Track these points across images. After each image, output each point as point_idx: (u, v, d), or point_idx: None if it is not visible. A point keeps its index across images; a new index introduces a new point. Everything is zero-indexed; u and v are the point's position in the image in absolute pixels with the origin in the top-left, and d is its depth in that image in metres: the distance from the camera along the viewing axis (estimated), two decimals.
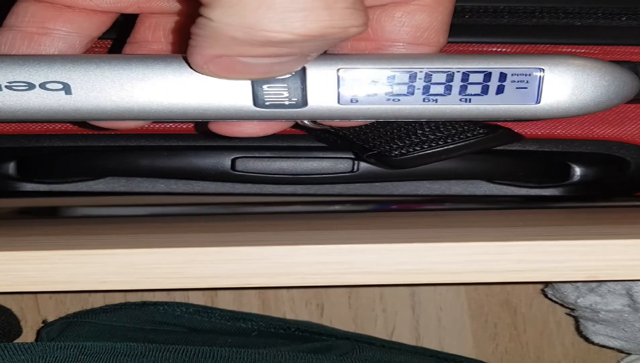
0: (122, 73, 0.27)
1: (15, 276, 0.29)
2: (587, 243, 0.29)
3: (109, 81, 0.27)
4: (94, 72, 0.26)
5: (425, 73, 0.27)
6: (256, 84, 0.27)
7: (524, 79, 0.27)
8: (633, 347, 0.46)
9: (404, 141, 0.32)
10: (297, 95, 0.27)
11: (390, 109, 0.28)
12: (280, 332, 0.48)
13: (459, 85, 0.27)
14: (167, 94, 0.27)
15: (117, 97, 0.27)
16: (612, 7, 0.33)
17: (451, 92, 0.27)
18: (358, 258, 0.29)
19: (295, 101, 0.27)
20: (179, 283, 0.29)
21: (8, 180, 0.39)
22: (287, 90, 0.27)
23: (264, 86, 0.27)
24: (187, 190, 0.39)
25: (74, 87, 0.26)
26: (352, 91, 0.27)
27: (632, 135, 0.37)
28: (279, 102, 0.27)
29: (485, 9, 0.34)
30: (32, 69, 0.26)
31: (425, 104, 0.28)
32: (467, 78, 0.27)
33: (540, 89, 0.27)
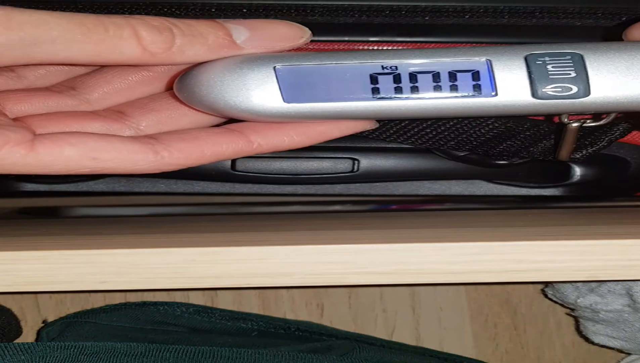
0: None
1: (15, 276, 0.29)
2: (587, 243, 0.29)
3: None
4: None
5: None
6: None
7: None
8: (633, 347, 0.46)
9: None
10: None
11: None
12: (280, 332, 0.48)
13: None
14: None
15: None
16: (612, 7, 0.33)
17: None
18: (358, 258, 0.29)
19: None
20: (179, 283, 0.29)
21: (8, 180, 0.39)
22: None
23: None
24: (187, 190, 0.39)
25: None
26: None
27: (632, 135, 0.37)
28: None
29: (485, 9, 0.34)
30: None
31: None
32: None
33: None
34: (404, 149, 0.37)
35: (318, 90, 0.28)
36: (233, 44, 0.28)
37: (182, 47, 0.27)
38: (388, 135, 0.34)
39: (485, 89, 0.28)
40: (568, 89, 0.27)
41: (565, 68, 0.27)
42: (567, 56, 0.27)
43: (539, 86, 0.27)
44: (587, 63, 0.27)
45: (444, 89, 0.28)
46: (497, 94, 0.28)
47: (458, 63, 0.27)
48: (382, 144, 0.37)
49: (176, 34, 0.27)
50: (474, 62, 0.27)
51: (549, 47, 0.28)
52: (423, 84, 0.28)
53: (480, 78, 0.28)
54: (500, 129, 0.34)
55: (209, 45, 0.27)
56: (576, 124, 0.30)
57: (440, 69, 0.28)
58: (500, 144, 0.34)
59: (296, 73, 0.28)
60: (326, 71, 0.28)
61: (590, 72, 0.27)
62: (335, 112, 0.28)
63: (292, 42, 0.28)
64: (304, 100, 0.28)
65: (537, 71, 0.27)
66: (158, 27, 0.27)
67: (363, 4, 0.33)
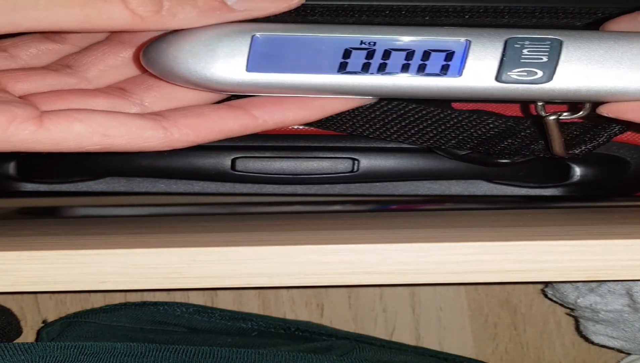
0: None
1: (15, 276, 0.29)
2: (587, 243, 0.29)
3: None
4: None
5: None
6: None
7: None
8: (633, 347, 0.46)
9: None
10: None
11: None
12: (280, 332, 0.48)
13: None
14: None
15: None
16: (612, 7, 0.33)
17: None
18: (358, 258, 0.29)
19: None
20: (179, 283, 0.29)
21: (8, 180, 0.39)
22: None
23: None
24: (187, 190, 0.39)
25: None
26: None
27: (632, 135, 0.37)
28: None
29: (485, 9, 0.34)
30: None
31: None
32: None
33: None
34: (404, 149, 0.37)
35: (285, 61, 0.27)
36: (224, 5, 0.27)
37: (172, 9, 0.26)
38: (388, 134, 0.34)
39: (452, 70, 0.27)
40: (533, 73, 0.27)
41: (539, 53, 0.27)
42: (547, 42, 0.27)
43: (506, 69, 0.27)
44: (563, 49, 0.27)
45: (411, 68, 0.27)
46: (461, 76, 0.27)
47: (437, 42, 0.27)
48: (382, 144, 0.37)
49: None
50: (453, 42, 0.27)
51: (533, 32, 0.27)
52: (393, 62, 0.27)
53: (452, 59, 0.27)
54: (501, 127, 0.34)
55: (200, 7, 0.27)
56: (553, 117, 0.30)
57: (417, 47, 0.27)
58: (502, 142, 0.34)
59: (273, 43, 0.27)
60: (303, 42, 0.27)
61: (562, 58, 0.27)
62: (295, 85, 0.28)
63: (286, 3, 0.27)
64: (266, 70, 0.27)
65: (510, 55, 0.27)
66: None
67: (363, 4, 0.33)
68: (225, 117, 0.29)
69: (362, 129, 0.34)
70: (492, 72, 0.27)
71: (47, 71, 0.30)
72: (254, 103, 0.29)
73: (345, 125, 0.34)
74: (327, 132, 0.37)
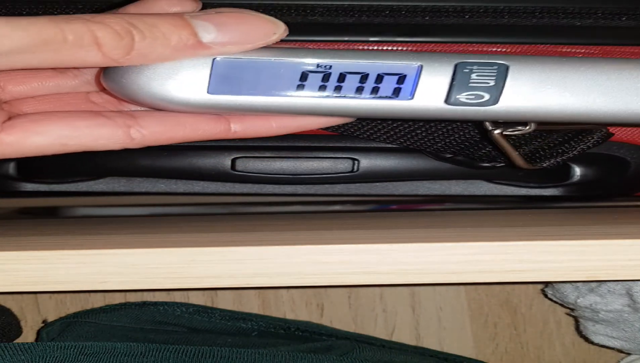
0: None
1: (15, 276, 0.29)
2: (587, 243, 0.29)
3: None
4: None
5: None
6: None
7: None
8: (633, 347, 0.46)
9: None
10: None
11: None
12: (280, 332, 0.48)
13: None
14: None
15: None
16: (612, 7, 0.33)
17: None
18: (358, 258, 0.29)
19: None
20: (179, 283, 0.29)
21: (8, 180, 0.39)
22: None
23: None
24: (187, 190, 0.39)
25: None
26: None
27: (632, 135, 0.37)
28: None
29: (485, 9, 0.34)
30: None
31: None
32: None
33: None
34: (404, 150, 0.37)
35: (245, 83, 0.28)
36: (199, 43, 0.27)
37: (142, 50, 0.26)
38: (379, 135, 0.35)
39: (404, 93, 0.28)
40: (480, 96, 0.28)
41: (487, 77, 0.28)
42: (494, 66, 0.28)
43: (455, 93, 0.28)
44: (509, 74, 0.28)
45: (365, 90, 0.28)
46: (412, 99, 0.28)
47: (390, 66, 0.28)
48: (382, 144, 0.37)
49: (136, 37, 0.26)
50: (406, 66, 0.28)
51: (481, 57, 0.28)
52: (347, 85, 0.28)
53: (404, 82, 0.28)
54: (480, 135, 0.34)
55: (172, 47, 0.26)
56: (497, 131, 0.31)
57: (371, 71, 0.28)
58: (483, 149, 0.35)
59: (233, 66, 0.28)
60: (262, 65, 0.28)
61: (508, 82, 0.28)
62: (255, 107, 0.28)
63: (264, 39, 0.27)
64: (227, 92, 0.28)
65: (460, 79, 0.28)
66: (119, 32, 0.26)
67: (363, 4, 0.33)
68: (198, 128, 0.29)
69: (353, 130, 0.35)
70: (442, 95, 0.28)
71: (52, 74, 0.30)
72: (235, 116, 0.30)
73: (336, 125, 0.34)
74: (327, 133, 0.37)
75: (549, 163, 0.34)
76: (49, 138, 0.27)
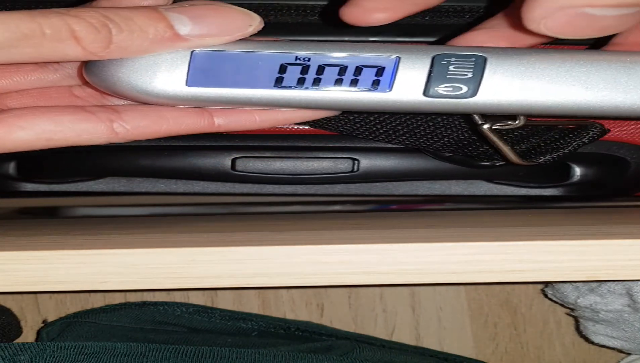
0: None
1: (15, 276, 0.29)
2: (587, 243, 0.29)
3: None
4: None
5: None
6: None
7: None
8: (633, 347, 0.46)
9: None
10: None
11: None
12: (280, 332, 0.48)
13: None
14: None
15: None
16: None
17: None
18: (358, 258, 0.29)
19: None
20: (179, 283, 0.29)
21: (8, 180, 0.39)
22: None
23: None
24: (187, 190, 0.39)
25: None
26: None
27: (632, 135, 0.37)
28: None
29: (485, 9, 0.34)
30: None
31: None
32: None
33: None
34: (404, 149, 0.37)
35: (223, 76, 0.28)
36: (176, 36, 0.27)
37: (121, 43, 0.26)
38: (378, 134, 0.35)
39: (382, 85, 0.28)
40: (458, 88, 0.28)
41: (465, 69, 0.28)
42: (472, 58, 0.28)
43: (432, 85, 0.28)
44: (487, 66, 0.28)
45: (344, 83, 0.28)
46: (391, 91, 0.28)
47: (369, 58, 0.28)
48: (382, 144, 0.37)
49: (113, 30, 0.26)
50: (384, 59, 0.28)
51: (458, 49, 0.28)
52: (326, 77, 0.28)
53: (383, 74, 0.28)
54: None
55: (150, 39, 0.26)
56: (487, 126, 0.31)
57: (349, 63, 0.28)
58: (480, 147, 0.35)
59: (211, 58, 0.28)
60: (240, 58, 0.28)
61: (486, 74, 0.28)
62: (234, 99, 0.28)
63: (240, 31, 0.27)
64: (205, 85, 0.28)
65: (437, 71, 0.28)
66: (94, 25, 0.26)
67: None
68: (181, 122, 0.29)
69: (352, 129, 0.35)
70: (420, 87, 0.28)
71: (34, 67, 0.30)
72: (218, 110, 0.30)
73: (336, 125, 0.34)
74: (327, 133, 0.37)
75: (544, 158, 0.34)
76: (33, 132, 0.27)
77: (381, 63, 0.28)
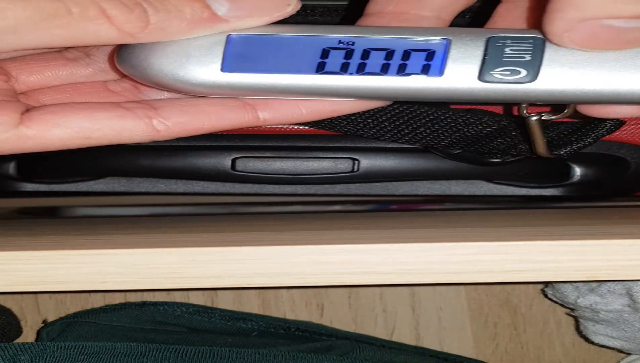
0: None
1: (15, 276, 0.29)
2: (587, 243, 0.29)
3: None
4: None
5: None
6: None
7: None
8: (633, 347, 0.46)
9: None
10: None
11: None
12: (280, 332, 0.48)
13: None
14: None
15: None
16: None
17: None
18: (358, 258, 0.29)
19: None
20: (179, 283, 0.29)
21: (8, 180, 0.39)
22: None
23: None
24: (187, 190, 0.39)
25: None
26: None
27: (632, 135, 0.37)
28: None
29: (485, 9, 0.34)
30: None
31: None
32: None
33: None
34: (404, 149, 0.37)
35: (261, 61, 0.26)
36: (215, 16, 0.26)
37: (160, 24, 0.25)
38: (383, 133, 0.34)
39: (432, 70, 0.26)
40: (516, 72, 0.26)
41: (522, 51, 0.26)
42: (529, 40, 0.26)
43: (488, 68, 0.26)
44: (546, 48, 0.26)
45: (391, 68, 0.26)
46: (442, 76, 0.26)
47: (417, 41, 0.26)
48: (382, 144, 0.37)
49: (148, 10, 0.25)
50: (434, 42, 0.26)
51: (513, 31, 0.26)
52: (372, 62, 0.26)
53: (433, 58, 0.26)
54: (494, 126, 0.33)
55: (189, 19, 0.25)
56: (535, 118, 0.29)
57: (396, 47, 0.26)
58: (492, 142, 0.34)
59: (248, 42, 0.26)
60: (280, 42, 0.26)
61: (546, 57, 0.26)
62: (271, 86, 0.27)
63: (279, 11, 0.26)
64: (241, 70, 0.26)
65: (492, 53, 0.26)
66: (127, 4, 0.25)
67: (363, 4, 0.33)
68: (224, 118, 0.28)
69: (356, 129, 0.34)
70: (474, 72, 0.26)
71: (65, 62, 0.29)
72: (266, 102, 0.28)
73: (340, 124, 0.34)
74: (327, 133, 0.37)
75: (565, 151, 0.33)
76: (70, 130, 0.26)
77: (431, 47, 0.26)
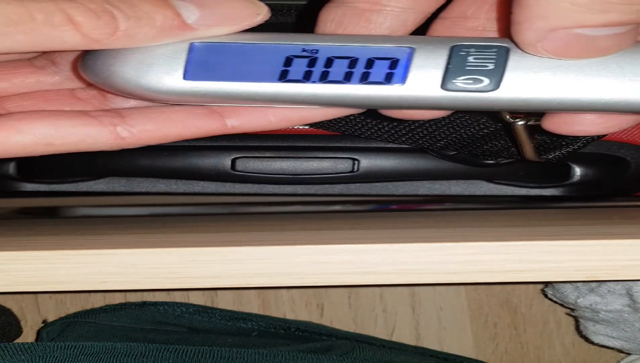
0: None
1: (15, 276, 0.29)
2: (587, 243, 0.29)
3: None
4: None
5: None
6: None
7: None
8: (633, 347, 0.46)
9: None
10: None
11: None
12: (280, 332, 0.48)
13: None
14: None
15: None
16: None
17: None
18: (358, 258, 0.29)
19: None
20: (179, 283, 0.29)
21: (8, 180, 0.39)
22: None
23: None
24: (187, 190, 0.39)
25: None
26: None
27: (632, 135, 0.37)
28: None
29: None
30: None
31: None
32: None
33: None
34: (404, 149, 0.37)
35: (223, 69, 0.26)
36: (184, 24, 0.26)
37: (129, 31, 0.25)
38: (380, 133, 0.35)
39: (395, 78, 0.26)
40: (479, 81, 0.26)
41: (485, 60, 0.26)
42: (494, 49, 0.26)
43: (451, 76, 0.26)
44: (510, 56, 0.26)
45: (354, 76, 0.26)
46: (404, 84, 0.26)
47: (381, 50, 0.26)
48: (382, 144, 0.37)
49: (118, 17, 0.25)
50: (397, 50, 0.26)
51: (479, 40, 0.26)
52: (335, 70, 0.26)
53: (396, 67, 0.26)
54: (490, 128, 0.34)
55: (158, 27, 0.25)
56: (521, 123, 0.29)
57: (360, 55, 0.26)
58: (486, 144, 0.34)
59: (211, 50, 0.26)
60: (243, 49, 0.26)
61: (509, 66, 0.25)
62: (235, 94, 0.26)
63: (248, 20, 0.26)
64: (204, 78, 0.26)
65: (456, 62, 0.26)
66: (95, 11, 0.25)
67: None
68: (190, 125, 0.28)
69: (354, 128, 0.34)
70: (437, 80, 0.26)
71: (33, 70, 0.30)
72: (234, 109, 0.28)
73: (337, 124, 0.34)
74: (327, 133, 0.37)
75: (554, 155, 0.33)
76: (33, 136, 0.26)
77: (395, 55, 0.26)
